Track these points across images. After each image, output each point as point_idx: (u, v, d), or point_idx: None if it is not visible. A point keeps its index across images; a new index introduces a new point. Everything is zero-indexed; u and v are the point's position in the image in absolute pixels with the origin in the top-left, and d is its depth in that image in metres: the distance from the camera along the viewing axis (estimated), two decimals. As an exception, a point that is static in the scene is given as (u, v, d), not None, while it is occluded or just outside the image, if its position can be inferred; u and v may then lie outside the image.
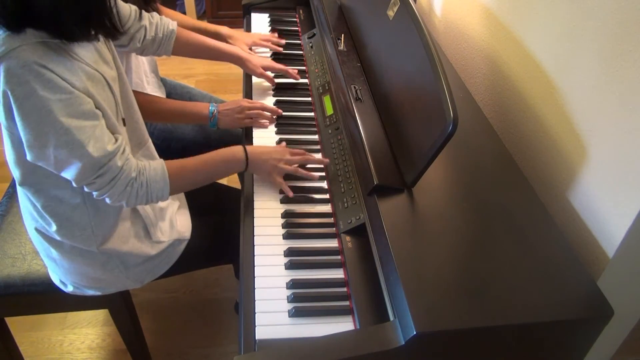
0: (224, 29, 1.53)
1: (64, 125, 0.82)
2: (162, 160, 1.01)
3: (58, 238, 1.02)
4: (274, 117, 1.29)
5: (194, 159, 1.06)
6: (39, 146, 0.84)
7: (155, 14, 1.25)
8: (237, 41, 1.51)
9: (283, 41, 1.54)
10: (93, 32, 0.86)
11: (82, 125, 0.84)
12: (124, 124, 0.99)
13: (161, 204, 1.15)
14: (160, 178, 0.98)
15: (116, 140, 0.91)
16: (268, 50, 1.54)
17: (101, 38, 0.93)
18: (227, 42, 1.51)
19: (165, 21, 1.25)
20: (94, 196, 0.93)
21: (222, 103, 1.31)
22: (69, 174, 0.88)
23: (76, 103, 0.83)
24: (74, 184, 0.90)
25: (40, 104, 0.80)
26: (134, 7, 1.16)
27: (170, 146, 1.49)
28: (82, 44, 0.87)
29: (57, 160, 0.85)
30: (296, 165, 1.11)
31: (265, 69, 1.38)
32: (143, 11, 1.19)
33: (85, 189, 0.92)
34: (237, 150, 1.09)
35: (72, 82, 0.82)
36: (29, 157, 0.86)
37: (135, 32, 1.17)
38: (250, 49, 1.51)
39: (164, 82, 1.55)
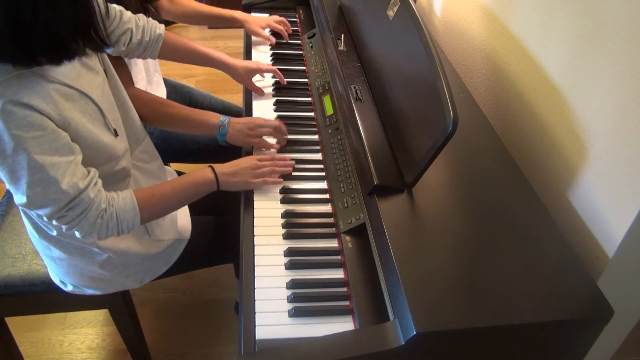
0: (238, 14, 1.56)
1: (38, 163, 0.80)
2: (130, 190, 0.98)
3: (57, 237, 1.02)
4: (282, 139, 1.22)
5: (162, 185, 1.04)
6: (14, 183, 0.83)
7: (142, 15, 1.18)
8: (252, 24, 1.55)
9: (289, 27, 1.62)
10: (82, 47, 0.84)
11: (57, 162, 0.83)
12: (116, 135, 0.97)
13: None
14: (130, 208, 0.95)
15: (88, 172, 0.90)
16: (268, 50, 1.56)
17: None
18: (243, 26, 1.56)
19: (153, 24, 1.19)
20: (63, 230, 0.91)
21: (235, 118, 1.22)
22: (42, 211, 0.86)
23: (50, 139, 0.81)
24: (45, 219, 0.89)
25: (14, 143, 0.78)
26: (119, 8, 1.10)
27: (170, 146, 1.49)
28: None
29: (31, 198, 0.83)
30: (268, 167, 1.09)
31: (253, 72, 1.35)
32: (129, 12, 1.13)
33: (54, 223, 0.90)
34: (206, 172, 1.06)
35: (47, 113, 0.80)
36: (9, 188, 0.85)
37: (120, 34, 1.11)
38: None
39: (164, 82, 1.56)
